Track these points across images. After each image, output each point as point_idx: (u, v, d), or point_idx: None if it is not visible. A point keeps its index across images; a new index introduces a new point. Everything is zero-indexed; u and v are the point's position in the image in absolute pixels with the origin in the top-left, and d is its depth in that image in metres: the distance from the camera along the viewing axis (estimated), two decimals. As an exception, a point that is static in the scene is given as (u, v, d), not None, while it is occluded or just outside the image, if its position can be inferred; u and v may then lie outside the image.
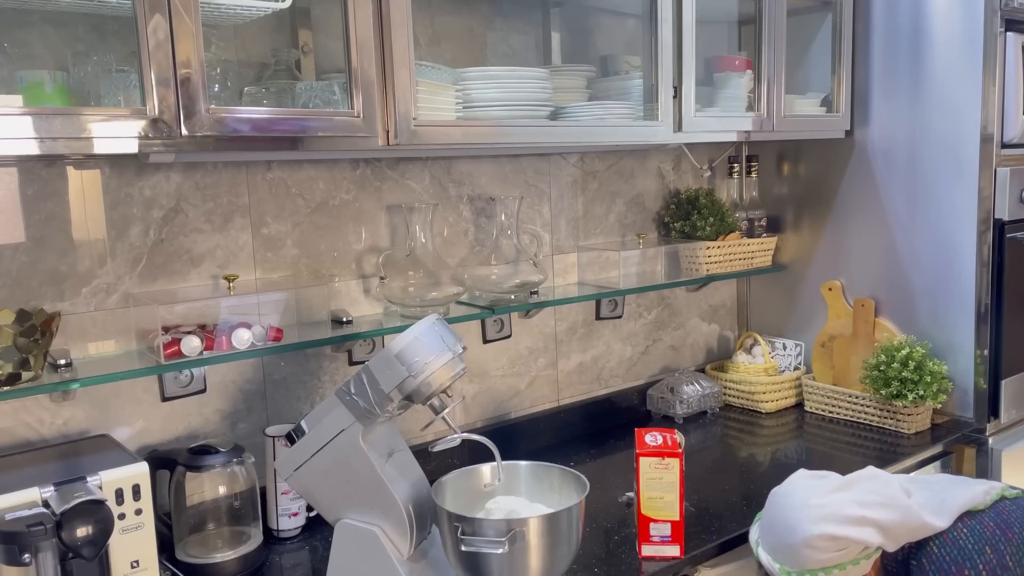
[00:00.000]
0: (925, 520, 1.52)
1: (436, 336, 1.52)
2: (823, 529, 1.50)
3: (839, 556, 1.51)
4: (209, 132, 1.46)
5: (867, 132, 2.54)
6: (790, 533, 1.53)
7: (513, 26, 2.27)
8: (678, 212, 2.63)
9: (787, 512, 1.55)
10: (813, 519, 1.50)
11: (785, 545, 1.54)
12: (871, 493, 1.53)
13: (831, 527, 1.49)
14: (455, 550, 1.50)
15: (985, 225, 2.35)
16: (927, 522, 1.53)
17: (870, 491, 1.53)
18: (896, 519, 1.51)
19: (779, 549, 1.56)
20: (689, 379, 2.62)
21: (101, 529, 1.34)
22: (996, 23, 2.27)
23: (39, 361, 1.54)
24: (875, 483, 1.56)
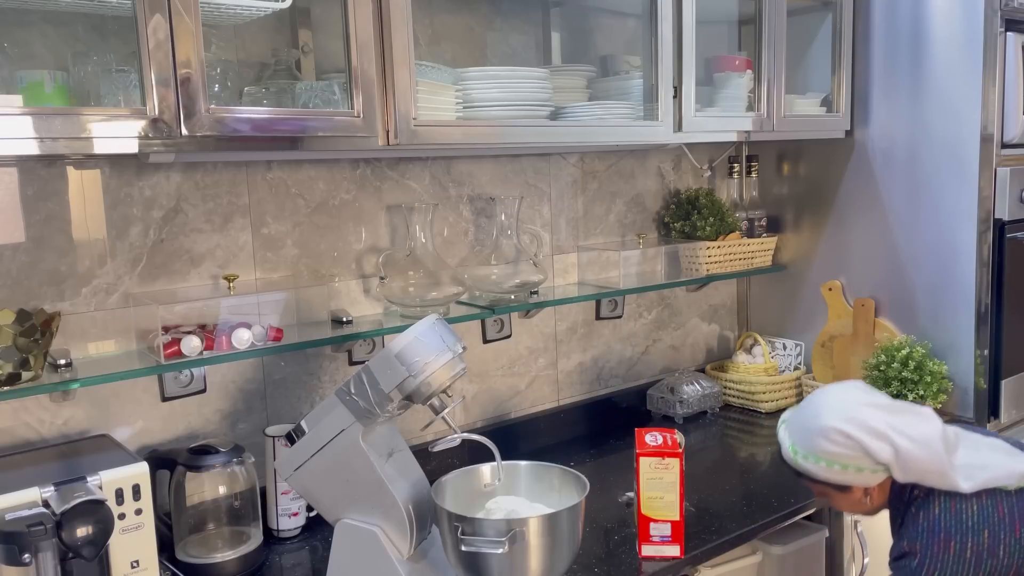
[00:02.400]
0: (951, 477, 1.52)
1: (436, 336, 1.52)
2: (842, 426, 1.53)
3: (846, 455, 1.54)
4: (209, 132, 1.46)
5: (867, 132, 2.54)
6: (813, 418, 1.57)
7: (513, 26, 2.27)
8: (678, 212, 2.63)
9: (820, 401, 1.60)
10: (838, 414, 1.55)
11: (804, 427, 1.59)
12: (909, 425, 1.54)
13: (850, 427, 1.53)
14: (455, 550, 1.50)
15: (985, 225, 2.34)
16: (953, 479, 1.53)
17: (909, 424, 1.54)
18: (918, 456, 1.52)
19: (798, 430, 1.60)
20: (689, 379, 2.62)
21: (101, 529, 1.34)
22: (996, 23, 2.27)
23: (39, 361, 1.54)
24: (918, 420, 1.55)
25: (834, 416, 1.55)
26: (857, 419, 1.54)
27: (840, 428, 1.54)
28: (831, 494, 1.62)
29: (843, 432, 1.54)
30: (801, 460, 1.59)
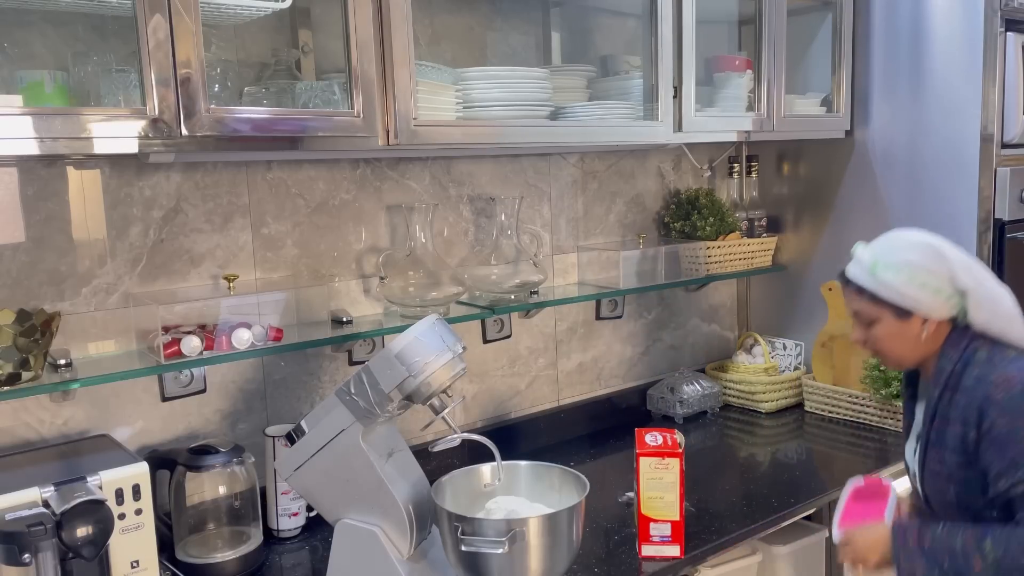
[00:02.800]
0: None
1: (436, 336, 1.52)
2: (935, 243, 1.57)
3: (931, 271, 1.55)
4: (209, 132, 1.46)
5: (867, 132, 2.54)
6: (905, 236, 1.60)
7: (513, 26, 2.27)
8: (678, 212, 2.63)
9: (916, 231, 1.61)
10: (929, 235, 1.59)
11: (892, 242, 1.60)
12: (987, 277, 1.57)
13: (943, 247, 1.56)
14: (455, 550, 1.50)
15: (985, 225, 2.34)
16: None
17: (988, 276, 1.58)
18: (993, 296, 1.56)
19: (884, 245, 1.61)
20: (689, 379, 2.62)
21: (101, 529, 1.34)
22: (996, 23, 2.27)
23: (39, 361, 1.53)
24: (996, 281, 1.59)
25: (928, 236, 1.59)
26: (948, 246, 1.57)
27: (933, 244, 1.57)
28: (886, 321, 1.59)
29: (935, 249, 1.56)
30: (881, 271, 1.57)
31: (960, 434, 1.54)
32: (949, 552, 1.48)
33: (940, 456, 1.58)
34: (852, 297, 1.64)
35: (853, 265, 1.63)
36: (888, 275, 1.56)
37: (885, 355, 1.65)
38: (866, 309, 1.61)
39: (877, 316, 1.60)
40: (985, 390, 1.51)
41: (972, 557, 1.46)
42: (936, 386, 1.59)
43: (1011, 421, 1.47)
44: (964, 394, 1.54)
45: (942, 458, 1.58)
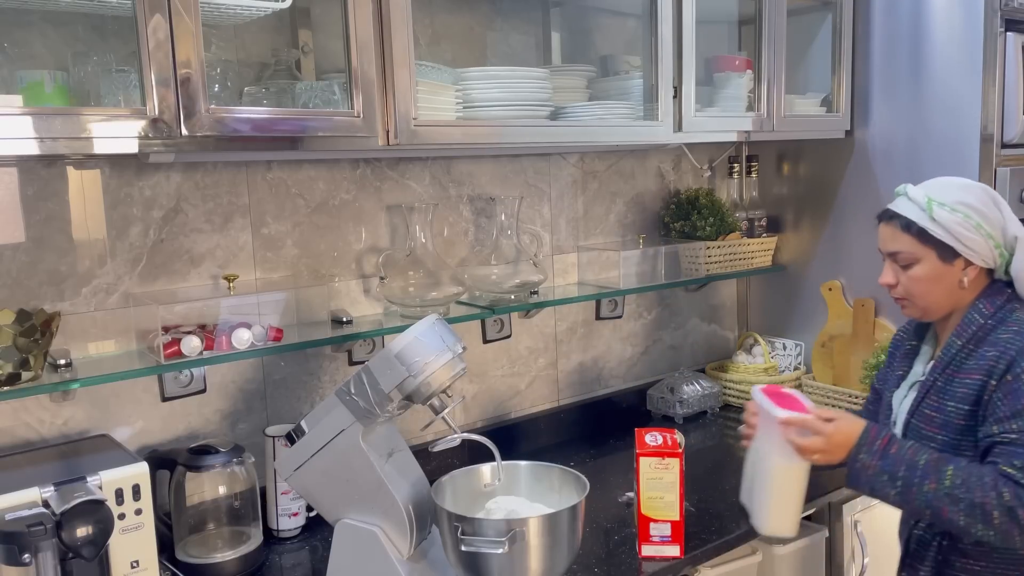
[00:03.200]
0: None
1: (436, 336, 1.52)
2: (992, 192, 1.58)
3: (985, 215, 1.55)
4: (209, 132, 1.46)
5: (867, 132, 2.54)
6: (960, 179, 1.60)
7: (513, 26, 2.27)
8: (678, 212, 2.63)
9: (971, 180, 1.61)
10: (989, 187, 1.59)
11: (948, 184, 1.59)
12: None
13: (995, 195, 1.57)
14: (455, 550, 1.50)
15: (985, 225, 2.34)
16: None
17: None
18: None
19: (939, 186, 1.59)
20: (689, 379, 2.62)
21: (101, 529, 1.34)
22: (996, 23, 2.27)
23: (39, 361, 1.53)
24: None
25: (980, 184, 1.59)
26: (1001, 197, 1.59)
27: (988, 190, 1.57)
28: (928, 263, 1.58)
29: (989, 194, 1.57)
30: (936, 208, 1.55)
31: (978, 384, 1.52)
32: (908, 465, 1.49)
33: (940, 404, 1.58)
34: (895, 234, 1.61)
35: (901, 201, 1.61)
36: (943, 213, 1.55)
37: (916, 300, 1.62)
38: (909, 248, 1.58)
39: (919, 256, 1.58)
40: (1022, 344, 1.50)
41: (929, 476, 1.46)
42: (959, 336, 1.58)
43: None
44: (995, 347, 1.52)
45: (941, 406, 1.57)
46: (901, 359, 1.75)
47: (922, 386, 1.64)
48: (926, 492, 1.47)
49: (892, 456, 1.51)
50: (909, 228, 1.58)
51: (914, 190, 1.60)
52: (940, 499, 1.46)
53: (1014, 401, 1.47)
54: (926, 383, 1.62)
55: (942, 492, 1.45)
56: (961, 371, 1.56)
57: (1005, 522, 1.41)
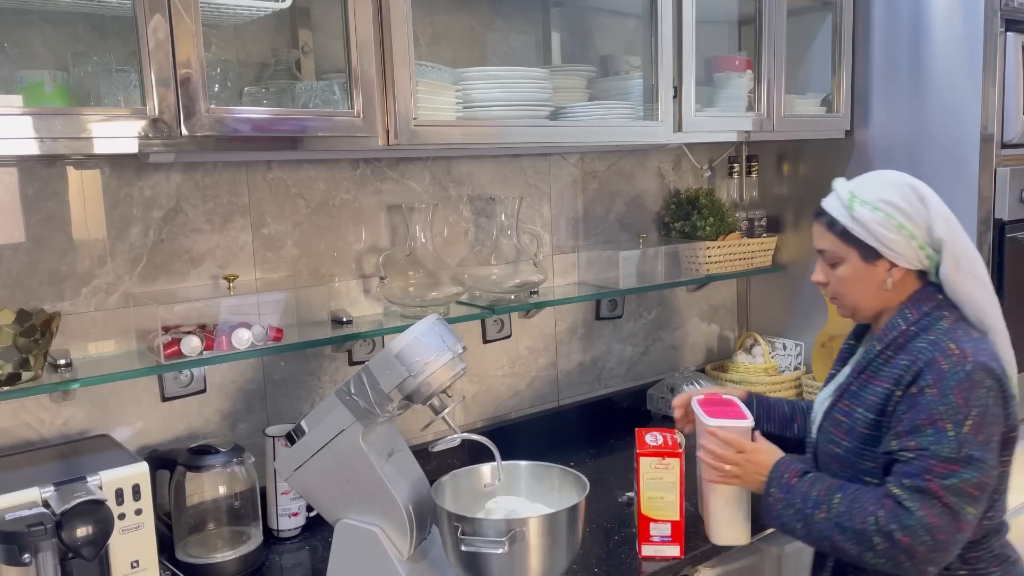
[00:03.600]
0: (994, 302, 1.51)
1: (436, 336, 1.52)
2: (919, 187, 1.51)
3: (908, 213, 1.48)
4: (209, 132, 1.46)
5: (867, 132, 2.54)
6: (890, 174, 1.54)
7: (513, 26, 2.27)
8: (678, 212, 2.63)
9: (901, 173, 1.56)
10: (914, 180, 1.52)
11: (876, 180, 1.54)
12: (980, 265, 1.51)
13: (926, 192, 1.50)
14: (455, 550, 1.50)
15: (985, 225, 2.34)
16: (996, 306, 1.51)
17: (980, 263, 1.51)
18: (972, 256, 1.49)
19: (866, 181, 1.54)
20: (689, 379, 2.62)
21: (101, 529, 1.34)
22: (996, 23, 2.27)
23: (39, 361, 1.53)
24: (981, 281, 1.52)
25: (912, 179, 1.52)
26: (931, 193, 1.50)
27: (914, 186, 1.50)
28: (852, 263, 1.52)
29: (916, 191, 1.49)
30: (858, 206, 1.49)
31: (886, 392, 1.47)
32: (804, 496, 1.48)
33: (850, 409, 1.53)
34: (821, 232, 1.56)
35: (830, 198, 1.57)
36: (864, 212, 1.48)
37: (843, 300, 1.58)
38: (833, 247, 1.54)
39: (843, 256, 1.53)
40: (933, 355, 1.43)
41: (820, 506, 1.45)
42: (880, 341, 1.52)
43: (941, 393, 1.39)
44: (910, 355, 1.46)
45: (851, 412, 1.53)
46: (838, 360, 1.71)
47: (838, 388, 1.60)
48: (819, 522, 1.45)
49: (794, 488, 1.50)
50: (832, 227, 1.54)
51: (841, 185, 1.55)
52: (831, 529, 1.44)
53: (915, 415, 1.41)
54: (842, 386, 1.58)
55: (832, 521, 1.44)
56: (876, 377, 1.51)
57: (886, 547, 1.38)
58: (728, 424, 1.64)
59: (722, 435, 1.61)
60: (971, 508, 1.38)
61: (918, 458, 1.39)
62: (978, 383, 1.40)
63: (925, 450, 1.39)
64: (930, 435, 1.39)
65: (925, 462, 1.39)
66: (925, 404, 1.40)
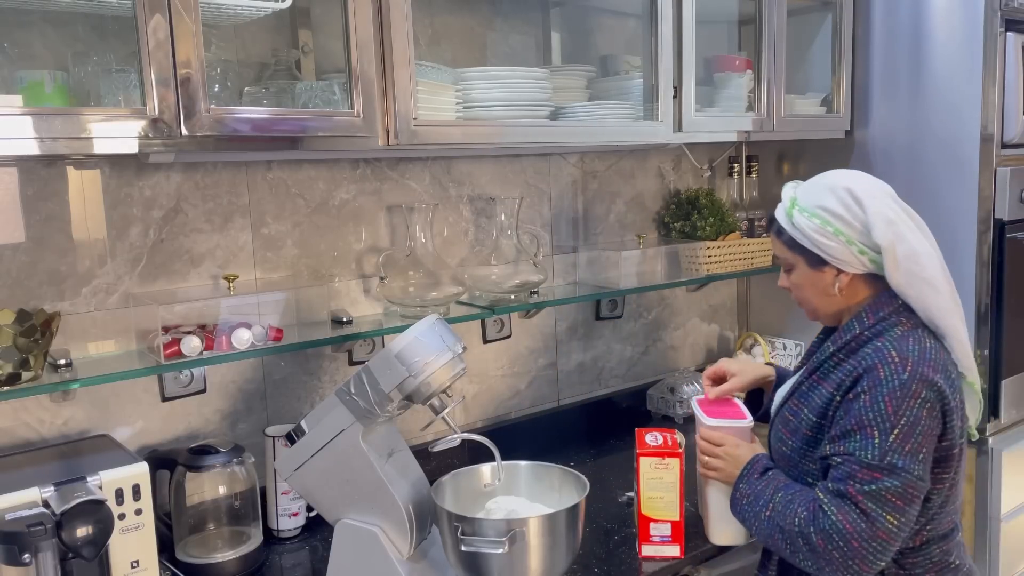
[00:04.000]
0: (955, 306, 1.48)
1: (436, 336, 1.52)
2: (855, 189, 1.45)
3: (844, 219, 1.44)
4: (209, 132, 1.46)
5: (867, 132, 2.54)
6: (831, 177, 1.50)
7: (513, 26, 2.27)
8: (678, 212, 2.63)
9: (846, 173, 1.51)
10: (857, 180, 1.48)
11: (816, 184, 1.51)
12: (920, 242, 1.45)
13: (862, 194, 1.44)
14: (455, 550, 1.50)
15: (985, 225, 2.34)
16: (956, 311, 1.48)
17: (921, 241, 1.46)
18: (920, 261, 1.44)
19: (809, 186, 1.52)
20: (689, 379, 2.62)
21: (101, 529, 1.34)
22: (996, 23, 2.27)
23: (39, 361, 1.53)
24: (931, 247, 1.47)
25: (853, 180, 1.47)
26: (873, 193, 1.45)
27: (851, 189, 1.45)
28: (800, 269, 1.52)
29: (853, 194, 1.44)
30: (796, 214, 1.48)
31: (829, 396, 1.47)
32: (759, 494, 1.49)
33: (798, 409, 1.53)
34: (773, 240, 1.57)
35: (779, 205, 1.55)
36: (802, 219, 1.47)
37: (802, 304, 1.60)
38: (783, 253, 1.54)
39: (792, 263, 1.53)
40: (874, 361, 1.41)
41: (767, 504, 1.46)
42: (834, 343, 1.52)
43: (872, 400, 1.38)
44: (855, 359, 1.45)
45: (798, 412, 1.53)
46: (807, 355, 1.70)
47: (792, 385, 1.60)
48: (764, 521, 1.47)
49: (754, 484, 1.51)
50: (780, 235, 1.54)
51: (787, 191, 1.54)
52: (772, 527, 1.45)
53: (847, 420, 1.41)
54: (794, 384, 1.59)
55: (773, 520, 1.45)
56: (824, 380, 1.50)
57: (807, 550, 1.39)
58: (725, 424, 1.64)
59: (706, 432, 1.63)
60: (891, 517, 1.36)
61: (844, 463, 1.39)
62: (913, 393, 1.37)
63: (851, 455, 1.39)
64: (857, 441, 1.39)
65: (849, 467, 1.39)
66: (857, 410, 1.40)
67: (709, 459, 1.60)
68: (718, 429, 1.63)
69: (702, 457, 1.62)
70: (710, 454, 1.60)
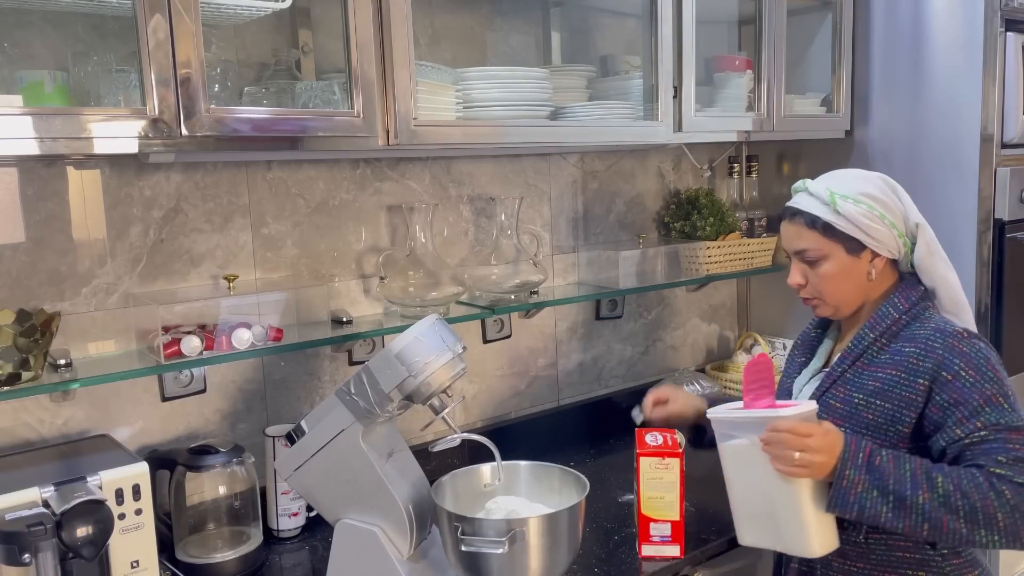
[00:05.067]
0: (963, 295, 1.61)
1: (436, 336, 1.52)
2: (889, 180, 1.58)
3: (886, 203, 1.55)
4: (209, 132, 1.46)
5: (867, 132, 2.54)
6: (857, 171, 1.61)
7: (513, 26, 2.27)
8: (678, 212, 2.63)
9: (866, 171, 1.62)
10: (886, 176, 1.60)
11: (846, 176, 1.59)
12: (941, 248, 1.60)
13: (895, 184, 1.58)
14: (455, 550, 1.50)
15: (985, 225, 2.34)
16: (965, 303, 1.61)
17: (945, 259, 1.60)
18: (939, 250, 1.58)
19: (837, 179, 1.59)
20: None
21: (101, 529, 1.34)
22: (996, 23, 2.27)
23: (39, 361, 1.53)
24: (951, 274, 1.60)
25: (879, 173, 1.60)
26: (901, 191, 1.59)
27: (884, 178, 1.58)
28: (836, 258, 1.56)
29: (888, 183, 1.57)
30: (840, 201, 1.53)
31: (893, 379, 1.51)
32: (895, 476, 1.41)
33: (847, 395, 1.55)
34: (800, 232, 1.58)
35: (803, 197, 1.59)
36: (847, 205, 1.53)
37: (827, 298, 1.60)
38: (816, 244, 1.56)
39: (827, 252, 1.56)
40: (947, 342, 1.49)
41: (920, 486, 1.40)
42: (873, 330, 1.57)
43: (979, 372, 1.46)
44: (913, 343, 1.52)
45: (848, 397, 1.55)
46: (803, 348, 1.77)
47: (828, 376, 1.62)
48: (922, 504, 1.39)
49: (878, 468, 1.42)
50: (814, 224, 1.56)
51: (815, 185, 1.58)
52: (937, 510, 1.39)
53: (967, 399, 1.45)
54: (833, 373, 1.60)
55: (937, 502, 1.39)
56: (873, 364, 1.55)
57: (1011, 522, 1.39)
58: (798, 411, 1.46)
59: (788, 425, 1.44)
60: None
61: (995, 436, 1.43)
62: (995, 359, 1.50)
63: (996, 425, 1.43)
64: (992, 413, 1.44)
65: (1006, 435, 1.43)
66: (969, 386, 1.46)
67: (801, 455, 1.42)
68: (787, 418, 1.45)
69: (791, 455, 1.42)
70: (801, 448, 1.42)
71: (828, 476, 1.44)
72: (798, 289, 1.65)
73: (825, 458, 1.42)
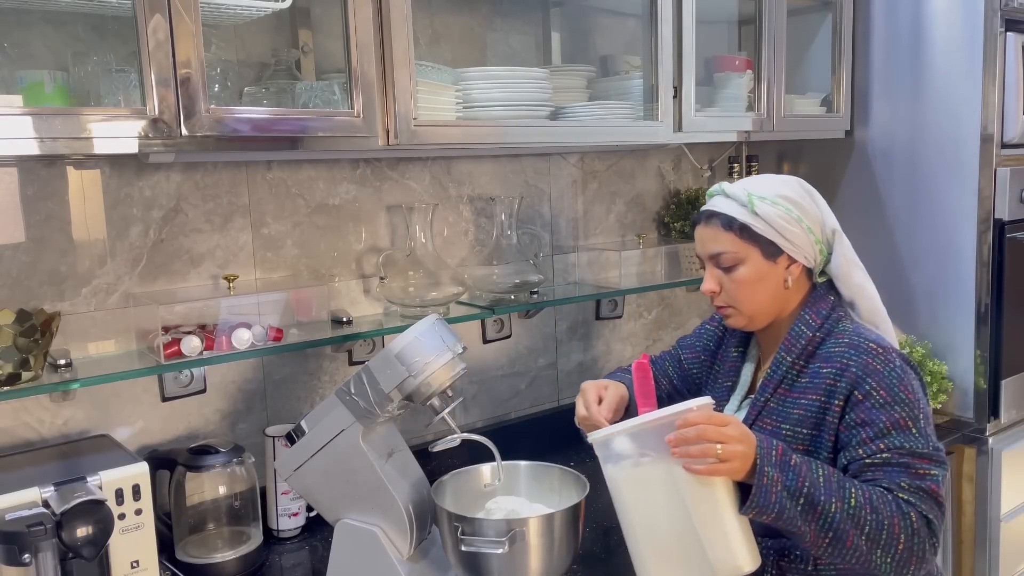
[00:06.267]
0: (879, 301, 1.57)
1: (436, 336, 1.52)
2: (807, 186, 1.55)
3: (803, 207, 1.50)
4: (209, 132, 1.46)
5: (867, 132, 2.54)
6: (775, 175, 1.56)
7: (513, 26, 2.27)
8: (678, 212, 2.63)
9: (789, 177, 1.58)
10: (804, 184, 1.56)
11: (765, 180, 1.53)
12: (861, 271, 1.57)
13: (811, 189, 1.55)
14: (455, 550, 1.50)
15: (985, 225, 2.35)
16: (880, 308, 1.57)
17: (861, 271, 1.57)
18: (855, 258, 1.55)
19: (756, 182, 1.53)
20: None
21: (101, 529, 1.34)
22: (996, 23, 2.27)
23: (39, 361, 1.53)
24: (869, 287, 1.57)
25: (794, 177, 1.57)
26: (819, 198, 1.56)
27: (801, 183, 1.55)
28: (752, 262, 1.48)
29: (804, 187, 1.54)
30: (758, 202, 1.47)
31: (816, 405, 1.44)
32: (810, 479, 1.31)
33: (776, 427, 1.47)
34: (716, 234, 1.50)
35: (719, 200, 1.53)
36: (765, 207, 1.47)
37: (741, 306, 1.52)
38: (732, 247, 1.49)
39: (743, 256, 1.48)
40: (861, 359, 1.42)
41: (834, 495, 1.31)
42: (789, 352, 1.49)
43: (890, 393, 1.39)
44: (829, 362, 1.45)
45: (776, 429, 1.46)
46: (727, 370, 1.64)
47: (753, 405, 1.53)
48: (833, 513, 1.30)
49: (792, 468, 1.32)
50: (731, 225, 1.49)
51: (732, 187, 1.53)
52: (845, 522, 1.30)
53: (874, 421, 1.38)
54: (757, 402, 1.52)
55: (847, 514, 1.30)
56: (794, 390, 1.48)
57: (908, 547, 1.32)
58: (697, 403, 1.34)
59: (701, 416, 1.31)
60: (944, 503, 1.40)
61: (898, 459, 1.37)
62: (909, 376, 1.44)
63: (900, 449, 1.37)
64: (899, 436, 1.38)
65: (907, 460, 1.37)
66: (880, 407, 1.39)
67: (724, 447, 1.29)
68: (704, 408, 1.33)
69: (712, 448, 1.29)
70: (722, 439, 1.29)
71: (746, 476, 1.32)
72: (712, 297, 1.55)
73: (746, 448, 1.30)
